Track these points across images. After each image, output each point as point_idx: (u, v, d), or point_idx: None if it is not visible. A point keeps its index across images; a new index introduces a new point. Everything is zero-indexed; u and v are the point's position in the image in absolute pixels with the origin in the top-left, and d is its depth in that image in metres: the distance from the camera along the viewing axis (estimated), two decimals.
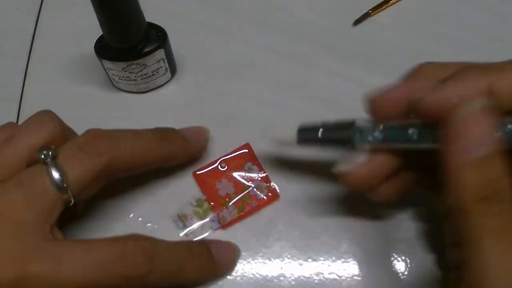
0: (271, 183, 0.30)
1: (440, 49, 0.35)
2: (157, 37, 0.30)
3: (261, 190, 0.30)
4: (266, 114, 0.33)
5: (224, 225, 0.29)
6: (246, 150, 0.31)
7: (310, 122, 0.25)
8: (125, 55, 0.30)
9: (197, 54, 0.35)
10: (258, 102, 0.33)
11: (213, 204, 0.29)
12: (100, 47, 0.30)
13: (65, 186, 0.22)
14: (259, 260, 0.28)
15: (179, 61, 0.34)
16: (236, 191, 0.30)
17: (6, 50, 0.36)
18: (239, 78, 0.34)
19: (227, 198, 0.30)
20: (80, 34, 0.36)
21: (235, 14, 0.37)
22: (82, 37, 0.35)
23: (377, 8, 0.37)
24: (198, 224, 0.29)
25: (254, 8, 0.37)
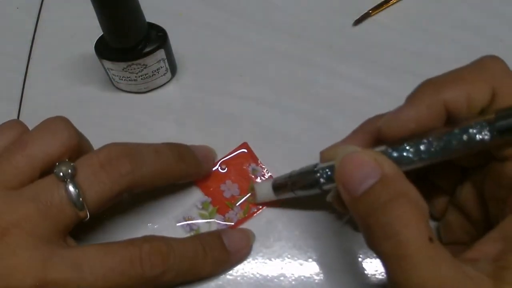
0: None
1: (440, 49, 0.35)
2: (157, 37, 0.30)
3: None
4: (266, 114, 0.33)
5: (230, 227, 0.29)
6: (245, 150, 0.31)
7: (281, 176, 0.28)
8: (125, 55, 0.30)
9: (197, 54, 0.35)
10: (258, 102, 0.33)
11: (218, 206, 0.29)
12: (100, 47, 0.30)
13: (83, 204, 0.22)
14: (259, 260, 0.28)
15: (179, 61, 0.34)
16: (241, 193, 0.30)
17: (6, 50, 0.36)
18: (239, 78, 0.34)
19: (233, 200, 0.30)
20: (80, 34, 0.36)
21: (235, 14, 0.37)
22: (82, 37, 0.35)
23: (377, 8, 0.37)
24: (205, 226, 0.29)
25: (254, 8, 0.37)
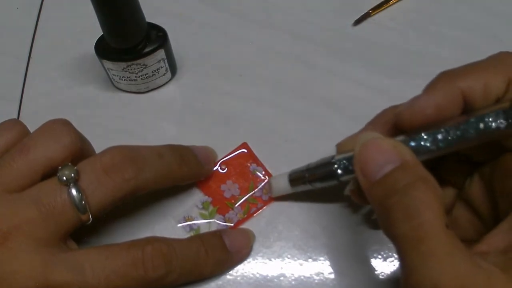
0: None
1: (440, 49, 0.35)
2: (157, 37, 0.30)
3: (266, 192, 0.30)
4: (266, 114, 0.33)
5: (230, 227, 0.29)
6: (245, 150, 0.31)
7: (297, 169, 0.28)
8: (125, 55, 0.30)
9: (197, 54, 0.35)
10: (258, 102, 0.33)
11: (218, 206, 0.29)
12: (100, 47, 0.30)
13: (85, 208, 0.22)
14: (259, 260, 0.28)
15: (179, 61, 0.34)
16: (241, 193, 0.30)
17: (6, 50, 0.36)
18: (239, 78, 0.34)
19: (233, 200, 0.30)
20: (80, 34, 0.36)
21: (235, 14, 0.37)
22: (82, 37, 0.35)
23: (377, 8, 0.37)
24: (205, 226, 0.29)
25: (254, 8, 0.37)
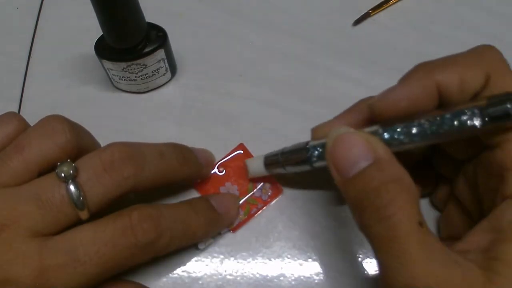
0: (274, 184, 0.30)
1: (440, 49, 0.35)
2: (157, 37, 0.30)
3: (265, 192, 0.30)
4: (266, 114, 0.33)
5: (232, 228, 0.29)
6: (241, 152, 0.31)
7: (272, 152, 0.28)
8: (125, 55, 0.30)
9: (197, 54, 0.35)
10: (258, 102, 0.33)
11: None
12: (100, 47, 0.30)
13: (83, 205, 0.22)
14: (259, 260, 0.28)
15: (179, 61, 0.34)
16: (240, 194, 0.30)
17: (6, 50, 0.36)
18: (239, 78, 0.34)
19: None
20: (80, 34, 0.36)
21: (235, 14, 0.37)
22: (82, 37, 0.35)
23: (377, 8, 0.37)
24: None
25: (254, 8, 0.37)
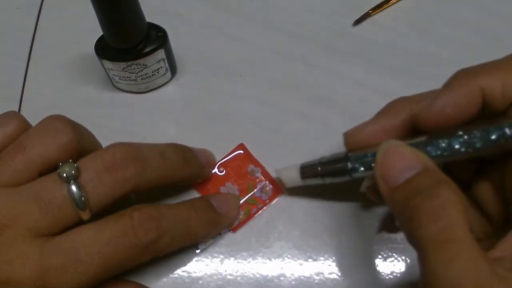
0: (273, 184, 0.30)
1: (440, 49, 0.35)
2: (157, 37, 0.30)
3: (265, 192, 0.30)
4: (266, 114, 0.33)
5: (233, 228, 0.29)
6: (242, 151, 0.31)
7: (308, 162, 0.27)
8: (125, 55, 0.30)
9: (197, 54, 0.35)
10: (258, 102, 0.33)
11: None
12: (100, 47, 0.30)
13: (85, 205, 0.22)
14: (259, 260, 0.28)
15: (179, 61, 0.34)
16: (241, 194, 0.30)
17: (6, 50, 0.36)
18: (239, 78, 0.34)
19: None
20: (80, 34, 0.36)
21: (235, 14, 0.37)
22: (82, 37, 0.35)
23: (377, 8, 0.37)
24: None
25: (254, 8, 0.37)
